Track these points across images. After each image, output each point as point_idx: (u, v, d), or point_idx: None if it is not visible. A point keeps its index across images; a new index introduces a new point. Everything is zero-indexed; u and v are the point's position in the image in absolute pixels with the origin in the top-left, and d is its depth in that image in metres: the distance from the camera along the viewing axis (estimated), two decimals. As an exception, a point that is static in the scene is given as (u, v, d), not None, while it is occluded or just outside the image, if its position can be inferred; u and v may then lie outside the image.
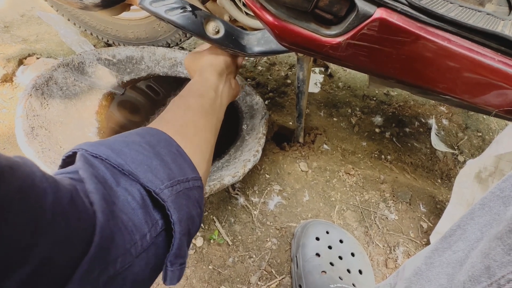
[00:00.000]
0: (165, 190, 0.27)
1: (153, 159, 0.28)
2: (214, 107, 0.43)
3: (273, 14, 0.34)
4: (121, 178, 0.26)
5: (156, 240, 0.26)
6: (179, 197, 0.28)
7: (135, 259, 0.24)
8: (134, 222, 0.25)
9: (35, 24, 0.96)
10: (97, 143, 0.28)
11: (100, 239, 0.20)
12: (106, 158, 0.26)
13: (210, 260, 0.52)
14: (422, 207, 0.64)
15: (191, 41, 0.98)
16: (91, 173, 0.24)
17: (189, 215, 0.29)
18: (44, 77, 0.59)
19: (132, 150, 0.28)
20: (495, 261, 0.21)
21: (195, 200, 0.30)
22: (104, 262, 0.21)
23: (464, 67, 0.36)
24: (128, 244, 0.23)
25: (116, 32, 0.82)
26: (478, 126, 0.84)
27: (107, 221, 0.21)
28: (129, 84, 0.71)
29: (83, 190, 0.22)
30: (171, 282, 0.27)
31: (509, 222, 0.21)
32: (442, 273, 0.26)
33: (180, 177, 0.29)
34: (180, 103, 0.40)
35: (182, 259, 0.28)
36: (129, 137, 0.30)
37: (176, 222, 0.26)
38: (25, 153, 0.48)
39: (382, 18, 0.31)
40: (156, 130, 0.33)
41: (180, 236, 0.27)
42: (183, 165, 0.31)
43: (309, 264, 0.48)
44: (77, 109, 0.62)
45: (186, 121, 0.37)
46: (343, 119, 0.80)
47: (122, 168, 0.26)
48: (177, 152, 0.31)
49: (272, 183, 0.64)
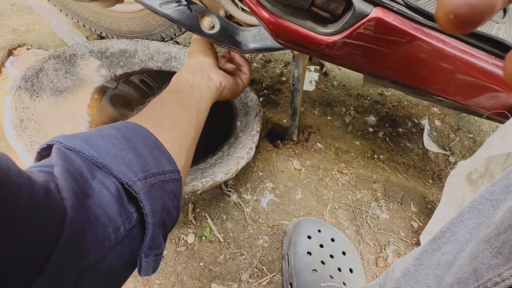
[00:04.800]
0: (138, 182, 0.27)
1: (128, 152, 0.28)
2: (192, 100, 0.43)
3: (269, 11, 0.34)
4: (97, 171, 0.26)
5: (131, 233, 0.27)
6: (153, 189, 0.28)
7: (109, 251, 0.25)
8: (108, 215, 0.25)
9: (26, 14, 0.94)
10: (72, 136, 0.28)
11: (69, 233, 0.21)
12: (80, 150, 0.26)
13: (201, 257, 0.52)
14: (413, 207, 0.64)
15: (185, 36, 0.97)
16: (64, 168, 0.24)
17: (163, 207, 0.29)
18: (34, 68, 0.57)
19: (107, 143, 0.28)
20: (482, 264, 0.21)
21: (171, 192, 0.31)
22: (75, 255, 0.22)
23: (458, 69, 0.36)
24: (100, 237, 0.24)
25: (110, 25, 0.81)
26: (469, 128, 0.85)
27: (76, 216, 0.22)
28: (122, 78, 0.70)
29: (56, 185, 0.22)
30: (146, 273, 0.28)
31: (497, 225, 0.21)
32: (431, 275, 0.27)
33: (156, 170, 0.29)
34: (157, 100, 0.41)
35: (156, 250, 0.28)
36: (105, 131, 0.30)
37: (148, 213, 0.27)
38: (13, 146, 0.46)
39: (379, 18, 0.31)
40: (134, 124, 0.33)
41: (153, 227, 0.27)
42: (160, 157, 0.31)
43: (301, 262, 0.49)
44: (68, 102, 0.61)
45: (163, 115, 0.38)
46: (337, 118, 0.81)
47: (96, 160, 0.26)
48: (154, 145, 0.32)
49: (265, 181, 0.63)
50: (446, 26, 0.11)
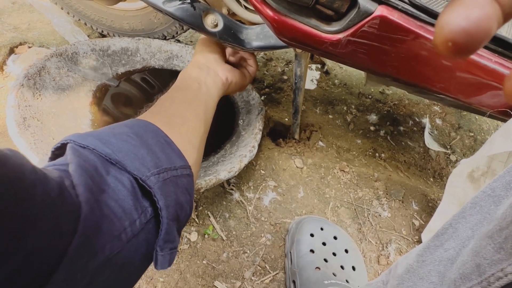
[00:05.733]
0: (152, 177, 0.27)
1: (140, 148, 0.29)
2: (199, 96, 0.43)
3: (273, 9, 0.34)
4: (110, 168, 0.26)
5: (146, 226, 0.27)
6: (166, 184, 0.28)
7: (126, 244, 0.25)
8: (124, 209, 0.25)
9: (27, 12, 0.93)
10: (85, 134, 0.28)
11: (84, 228, 0.21)
12: (94, 148, 0.27)
13: (204, 255, 0.52)
14: (414, 205, 0.65)
15: (187, 34, 0.97)
16: (78, 165, 0.24)
17: (177, 201, 0.29)
18: (36, 66, 0.57)
19: (119, 140, 0.28)
20: (485, 259, 0.21)
21: (183, 187, 0.31)
22: (92, 250, 0.22)
23: (461, 67, 0.36)
24: (116, 231, 0.24)
25: (111, 23, 0.81)
26: (470, 126, 0.85)
27: (91, 211, 0.22)
28: (124, 76, 0.70)
29: (71, 182, 0.23)
30: (162, 266, 0.28)
31: (499, 221, 0.21)
32: (434, 271, 0.27)
33: (168, 165, 0.30)
34: (166, 97, 0.41)
35: (171, 244, 0.29)
36: (117, 128, 0.31)
37: (163, 207, 0.27)
38: (17, 144, 0.47)
39: (383, 16, 0.31)
40: (144, 121, 0.34)
41: (168, 221, 0.28)
42: (171, 154, 0.31)
43: (303, 260, 0.49)
44: (71, 100, 0.61)
45: (172, 112, 0.38)
46: (338, 116, 0.81)
47: (110, 157, 0.27)
48: (164, 141, 0.32)
49: (267, 179, 0.64)
50: (445, 53, 0.11)
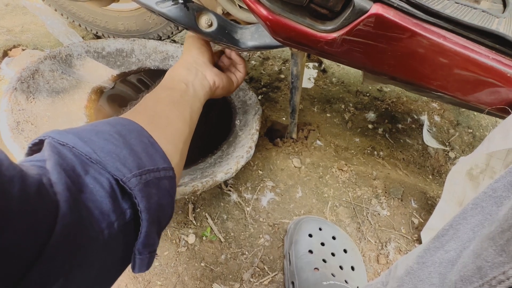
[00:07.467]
0: (133, 179, 0.27)
1: (122, 149, 0.28)
2: (186, 98, 0.42)
3: (268, 8, 0.33)
4: (89, 167, 0.26)
5: (125, 229, 0.27)
6: (147, 186, 0.28)
7: (102, 247, 0.24)
8: (102, 210, 0.25)
9: (20, 14, 0.92)
10: (65, 131, 0.27)
11: (62, 228, 0.21)
12: (73, 146, 0.26)
13: (203, 257, 0.52)
14: (413, 203, 0.64)
15: (183, 34, 0.96)
16: (56, 163, 0.23)
17: (158, 204, 0.29)
18: (30, 69, 0.57)
19: (101, 139, 0.28)
20: (487, 262, 0.21)
21: (165, 189, 0.30)
22: (68, 250, 0.21)
23: (458, 65, 0.36)
24: (93, 232, 0.24)
25: (106, 24, 0.80)
26: (469, 123, 0.85)
27: (69, 211, 0.21)
28: (119, 77, 0.70)
29: (48, 179, 0.22)
30: (140, 270, 0.28)
31: (501, 223, 0.21)
32: (434, 273, 0.26)
33: (150, 167, 0.29)
34: (151, 96, 0.40)
35: (151, 247, 0.28)
36: (99, 126, 0.30)
37: (143, 210, 0.26)
38: (10, 148, 0.46)
39: (379, 14, 0.30)
40: (128, 120, 0.33)
41: (148, 224, 0.27)
42: (154, 155, 0.31)
43: (302, 261, 0.48)
44: (65, 103, 0.60)
45: (157, 112, 0.37)
46: (336, 115, 0.80)
47: (90, 156, 0.26)
48: (148, 142, 0.31)
49: (265, 179, 0.63)
50: None
